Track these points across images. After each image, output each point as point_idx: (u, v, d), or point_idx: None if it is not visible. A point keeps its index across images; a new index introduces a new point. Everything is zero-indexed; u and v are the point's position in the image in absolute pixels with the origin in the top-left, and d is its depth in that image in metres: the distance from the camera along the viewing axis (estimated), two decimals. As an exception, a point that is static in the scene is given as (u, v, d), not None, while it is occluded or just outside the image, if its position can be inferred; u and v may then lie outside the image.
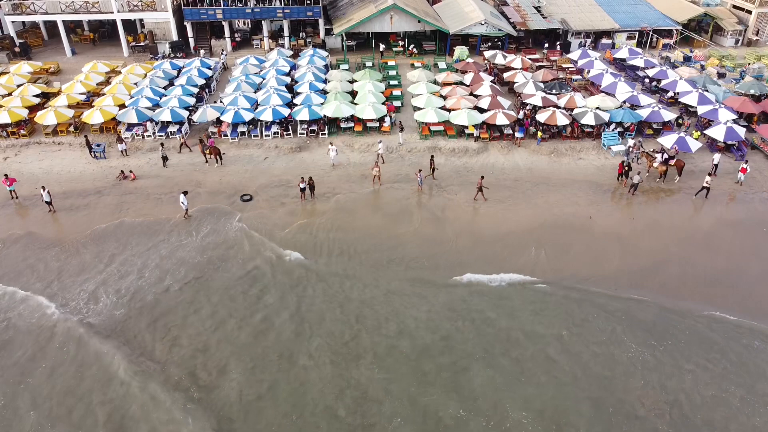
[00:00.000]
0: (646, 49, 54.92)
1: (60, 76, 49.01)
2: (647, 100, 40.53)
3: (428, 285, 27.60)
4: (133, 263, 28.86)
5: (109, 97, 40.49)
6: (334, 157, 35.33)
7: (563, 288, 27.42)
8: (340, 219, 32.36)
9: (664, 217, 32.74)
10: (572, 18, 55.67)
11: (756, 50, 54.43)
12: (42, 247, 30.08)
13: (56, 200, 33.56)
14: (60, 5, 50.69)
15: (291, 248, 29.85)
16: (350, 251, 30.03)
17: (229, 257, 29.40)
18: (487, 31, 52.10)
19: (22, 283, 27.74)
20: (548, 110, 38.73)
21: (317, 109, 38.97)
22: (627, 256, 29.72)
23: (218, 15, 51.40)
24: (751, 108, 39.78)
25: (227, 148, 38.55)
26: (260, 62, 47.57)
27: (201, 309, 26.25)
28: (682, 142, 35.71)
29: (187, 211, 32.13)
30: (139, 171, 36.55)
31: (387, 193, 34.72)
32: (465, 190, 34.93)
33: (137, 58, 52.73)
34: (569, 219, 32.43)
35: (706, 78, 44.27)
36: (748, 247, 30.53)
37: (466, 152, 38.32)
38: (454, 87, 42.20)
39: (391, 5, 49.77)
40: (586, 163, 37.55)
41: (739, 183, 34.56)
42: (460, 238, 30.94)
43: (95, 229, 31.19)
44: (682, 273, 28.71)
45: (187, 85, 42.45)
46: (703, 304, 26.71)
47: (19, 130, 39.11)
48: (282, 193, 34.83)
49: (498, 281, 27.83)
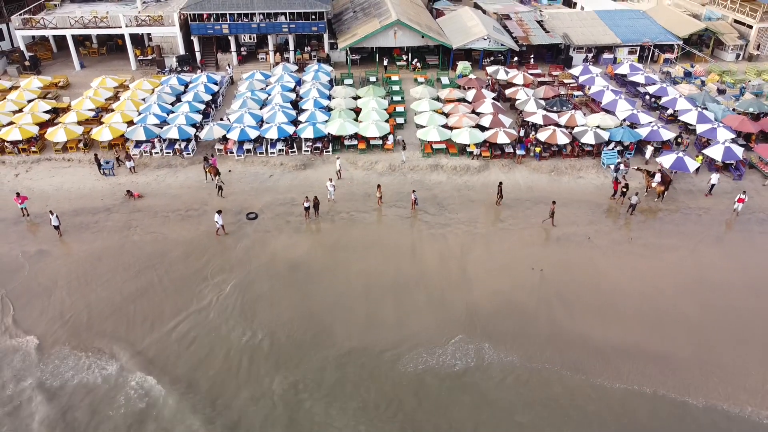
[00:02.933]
0: (648, 64, 55.49)
1: (69, 90, 49.89)
2: (647, 119, 41.09)
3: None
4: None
5: (118, 113, 41.28)
6: (332, 192, 35.90)
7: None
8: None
9: (664, 240, 33.27)
10: (574, 32, 56.24)
11: (757, 65, 54.91)
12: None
13: (67, 217, 34.41)
14: (69, 20, 51.57)
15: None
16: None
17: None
18: (490, 46, 52.73)
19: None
20: (549, 129, 39.33)
21: (322, 127, 39.68)
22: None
23: (224, 30, 52.18)
24: (750, 127, 40.29)
25: (233, 165, 39.32)
26: (266, 77, 48.32)
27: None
28: (680, 162, 36.28)
29: (220, 228, 32.95)
30: (147, 188, 37.33)
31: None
32: (465, 209, 35.57)
33: (145, 71, 53.57)
34: (569, 238, 33.08)
35: (705, 95, 44.79)
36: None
37: (468, 170, 38.96)
38: (456, 104, 42.84)
39: (395, 21, 50.45)
40: (586, 182, 38.15)
41: (736, 212, 34.69)
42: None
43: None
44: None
45: (194, 102, 43.21)
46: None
47: (30, 146, 39.94)
48: (287, 211, 35.55)
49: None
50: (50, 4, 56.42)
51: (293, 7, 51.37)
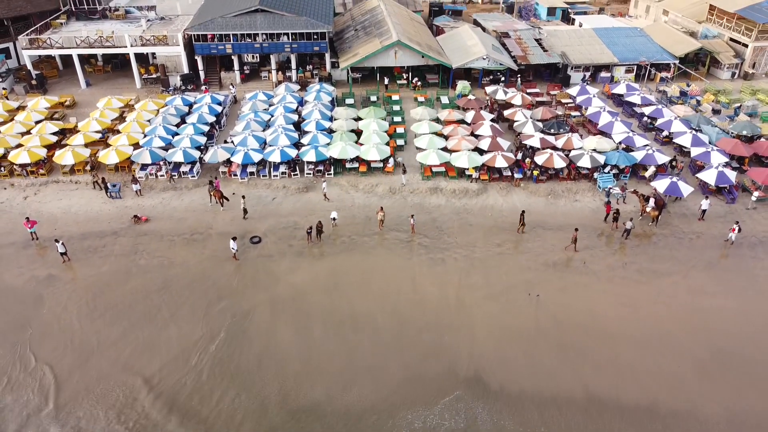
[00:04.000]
0: (644, 82, 56.35)
1: (75, 109, 50.82)
2: (642, 142, 41.93)
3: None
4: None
5: (124, 136, 42.16)
6: (335, 215, 36.80)
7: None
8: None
9: (657, 266, 34.09)
10: (572, 51, 57.11)
11: (752, 84, 55.79)
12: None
13: (75, 241, 35.33)
14: (75, 40, 52.48)
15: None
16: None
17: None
18: (489, 65, 53.60)
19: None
20: (546, 152, 40.18)
21: (324, 150, 40.54)
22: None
23: (228, 50, 53.08)
24: (743, 151, 41.11)
25: (237, 188, 40.16)
26: (268, 97, 49.21)
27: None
28: (674, 186, 37.10)
29: (235, 255, 33.78)
30: (153, 212, 38.18)
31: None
32: (464, 233, 36.41)
33: (149, 89, 54.48)
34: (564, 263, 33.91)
35: (700, 118, 45.62)
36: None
37: (466, 193, 39.80)
38: (455, 127, 43.69)
39: (395, 41, 51.33)
40: (582, 206, 38.97)
41: (730, 242, 35.32)
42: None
43: None
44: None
45: (199, 123, 44.09)
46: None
47: (38, 169, 40.82)
48: (289, 235, 36.39)
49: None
50: (56, 22, 57.36)
51: (295, 27, 52.25)
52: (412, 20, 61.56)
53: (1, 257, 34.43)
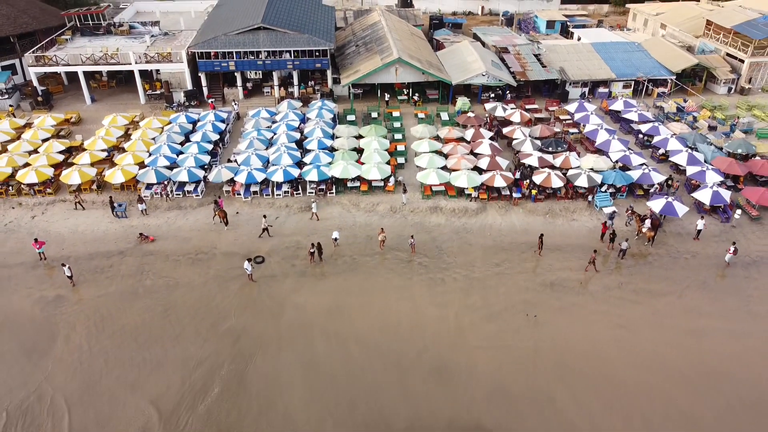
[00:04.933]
0: (642, 97, 57.10)
1: (81, 126, 51.60)
2: (638, 160, 42.67)
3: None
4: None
5: (129, 155, 42.94)
6: (337, 235, 37.59)
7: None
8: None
9: (653, 286, 34.81)
10: (570, 66, 57.88)
11: (748, 99, 56.53)
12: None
13: (82, 261, 36.14)
14: (81, 57, 53.29)
15: None
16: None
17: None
18: (488, 81, 54.36)
19: None
20: (544, 172, 40.92)
21: (325, 169, 41.30)
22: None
23: (231, 67, 53.87)
24: (737, 170, 41.83)
25: (240, 207, 40.92)
26: (271, 115, 49.97)
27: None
28: (669, 207, 37.82)
29: (251, 276, 34.59)
30: (158, 231, 38.93)
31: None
32: (463, 253, 37.14)
33: (153, 105, 55.26)
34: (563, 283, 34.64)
35: (696, 135, 46.36)
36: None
37: (466, 212, 40.54)
38: (455, 145, 44.45)
39: (396, 59, 52.10)
40: (579, 225, 39.69)
41: (728, 264, 36.03)
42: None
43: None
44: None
45: (203, 142, 44.86)
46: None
47: (46, 188, 41.59)
48: (292, 255, 37.15)
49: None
50: (61, 39, 58.16)
51: (297, 45, 53.04)
52: (412, 35, 62.34)
53: (11, 278, 35.21)
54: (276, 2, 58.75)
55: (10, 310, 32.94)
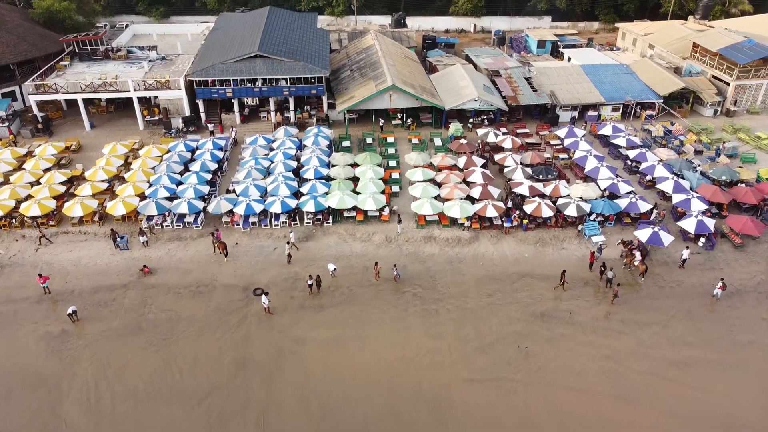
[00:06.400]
0: (630, 120, 58.47)
1: (81, 153, 52.56)
2: (626, 189, 43.98)
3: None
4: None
5: (130, 186, 43.93)
6: (334, 267, 38.84)
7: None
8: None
9: (639, 316, 36.08)
10: (561, 90, 59.20)
11: (733, 121, 58.01)
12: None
13: (86, 295, 37.18)
14: (80, 85, 54.25)
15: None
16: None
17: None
18: (481, 106, 55.61)
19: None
20: (534, 201, 42.16)
21: (322, 200, 42.42)
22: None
23: (228, 94, 54.97)
24: (721, 198, 43.19)
25: (240, 238, 41.96)
26: (268, 142, 51.03)
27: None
28: (655, 236, 39.11)
29: (268, 309, 35.70)
30: (159, 263, 39.93)
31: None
32: (456, 284, 38.29)
33: (152, 131, 56.27)
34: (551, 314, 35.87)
35: (682, 162, 47.73)
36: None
37: (459, 242, 41.71)
38: (448, 173, 45.66)
39: (390, 86, 53.29)
40: (569, 254, 40.91)
41: (716, 298, 37.09)
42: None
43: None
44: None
45: (202, 172, 45.89)
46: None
47: (48, 220, 42.53)
48: (291, 286, 38.22)
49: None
50: (60, 65, 59.11)
51: (293, 72, 54.17)
52: (406, 59, 63.55)
53: (16, 312, 36.18)
54: (272, 28, 59.84)
55: (16, 346, 33.93)
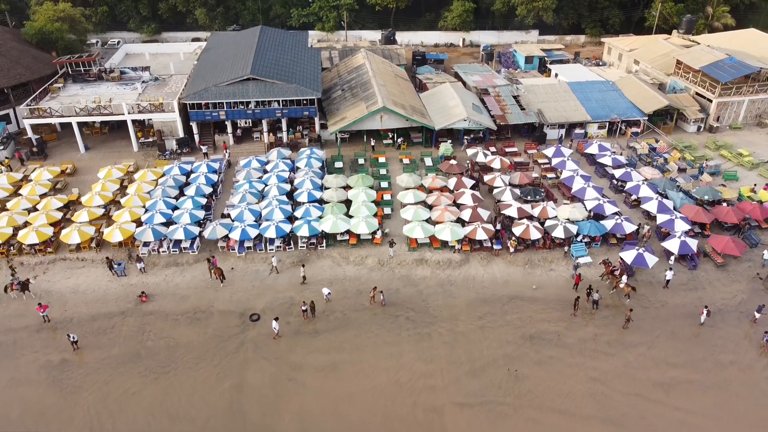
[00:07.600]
0: (616, 137, 59.81)
1: (76, 176, 53.15)
2: (611, 209, 45.20)
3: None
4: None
5: (126, 211, 44.66)
6: (329, 292, 39.79)
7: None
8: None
9: (625, 337, 37.25)
10: (548, 108, 60.44)
11: (716, 137, 59.48)
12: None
13: (85, 323, 37.91)
14: (74, 109, 54.87)
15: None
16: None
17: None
18: (470, 125, 56.73)
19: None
20: (522, 223, 43.28)
21: (316, 224, 43.32)
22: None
23: (221, 116, 55.80)
24: (704, 218, 44.49)
25: (235, 263, 42.78)
26: (262, 164, 51.86)
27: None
28: (640, 258, 40.32)
29: (278, 333, 36.58)
30: (157, 289, 40.69)
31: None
32: (448, 307, 39.30)
33: (146, 153, 56.94)
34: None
35: (666, 182, 49.04)
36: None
37: (450, 264, 42.73)
38: (438, 196, 46.71)
39: (381, 108, 54.32)
40: (557, 275, 42.04)
41: (702, 324, 38.07)
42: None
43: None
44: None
45: (197, 197, 46.65)
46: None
47: (46, 247, 43.17)
48: (286, 311, 39.07)
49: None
50: (54, 87, 59.70)
51: (286, 94, 55.09)
52: (396, 77, 64.59)
53: (16, 342, 36.83)
54: (263, 49, 60.71)
55: (17, 376, 34.59)
